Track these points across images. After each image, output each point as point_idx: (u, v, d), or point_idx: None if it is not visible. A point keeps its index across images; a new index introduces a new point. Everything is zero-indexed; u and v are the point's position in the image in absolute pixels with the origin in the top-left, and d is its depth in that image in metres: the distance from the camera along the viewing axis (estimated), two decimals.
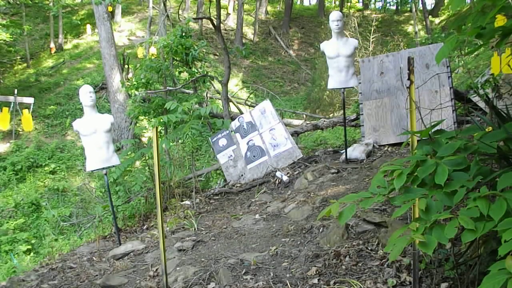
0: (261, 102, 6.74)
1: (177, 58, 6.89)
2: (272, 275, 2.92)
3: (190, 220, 4.75)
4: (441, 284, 2.34)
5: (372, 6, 29.25)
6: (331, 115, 11.78)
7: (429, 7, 24.34)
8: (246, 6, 22.77)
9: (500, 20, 2.33)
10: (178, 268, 3.43)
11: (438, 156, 1.88)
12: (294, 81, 18.14)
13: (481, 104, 5.62)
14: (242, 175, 6.20)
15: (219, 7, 7.77)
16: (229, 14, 22.13)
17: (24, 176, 10.43)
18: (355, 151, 5.55)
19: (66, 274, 4.01)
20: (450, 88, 5.47)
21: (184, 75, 7.42)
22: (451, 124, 5.28)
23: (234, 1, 21.91)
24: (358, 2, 27.28)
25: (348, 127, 7.13)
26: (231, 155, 6.32)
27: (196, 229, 4.53)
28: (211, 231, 4.37)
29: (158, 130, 5.50)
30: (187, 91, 9.27)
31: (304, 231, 3.65)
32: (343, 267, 2.78)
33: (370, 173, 4.74)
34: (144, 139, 11.75)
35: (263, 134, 6.22)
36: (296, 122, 10.23)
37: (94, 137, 4.59)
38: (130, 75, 12.09)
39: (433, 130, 2.06)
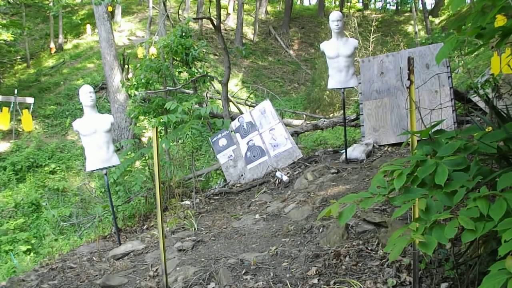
0: (261, 102, 6.74)
1: (177, 58, 6.88)
2: (272, 275, 2.92)
3: (190, 220, 4.75)
4: (441, 284, 2.34)
5: (372, 6, 29.26)
6: (331, 115, 11.78)
7: (429, 7, 24.37)
8: (246, 6, 22.76)
9: (500, 20, 2.33)
10: (178, 268, 3.43)
11: (438, 156, 1.88)
12: (294, 81, 18.14)
13: (481, 104, 5.62)
14: (242, 175, 6.20)
15: (219, 7, 7.76)
16: (229, 14, 22.12)
17: (24, 176, 10.42)
18: (355, 151, 5.55)
19: (66, 274, 4.01)
20: (450, 88, 5.47)
21: (184, 75, 7.42)
22: (451, 124, 5.28)
23: (234, 1, 21.91)
24: (358, 2, 27.29)
25: (348, 127, 7.13)
26: (231, 155, 6.32)
27: (196, 229, 4.53)
28: (211, 231, 4.37)
29: (158, 130, 5.50)
30: (187, 91, 9.27)
31: (304, 231, 3.65)
32: (343, 267, 2.78)
33: (370, 173, 4.74)
34: (144, 139, 11.75)
35: (263, 134, 6.22)
36: (296, 122, 10.23)
37: (94, 137, 4.59)
38: (130, 75, 12.09)
39: (433, 130, 2.06)
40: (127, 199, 6.82)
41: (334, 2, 29.29)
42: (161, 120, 4.99)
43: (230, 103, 9.29)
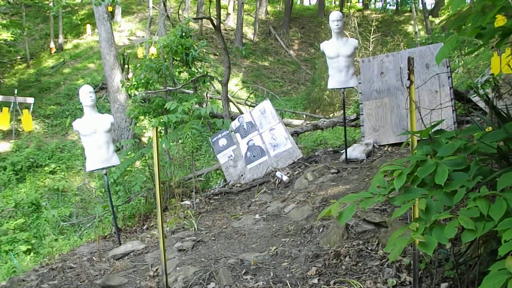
0: (261, 102, 6.74)
1: (177, 58, 6.88)
2: (272, 275, 2.92)
3: (190, 220, 4.75)
4: (441, 284, 2.34)
5: (372, 6, 29.26)
6: (331, 115, 11.79)
7: (429, 7, 24.37)
8: (246, 6, 22.77)
9: (500, 20, 2.33)
10: (178, 268, 3.43)
11: (438, 156, 1.88)
12: (294, 81, 18.14)
13: (481, 104, 5.62)
14: (242, 175, 6.20)
15: (219, 7, 7.76)
16: (229, 14, 22.12)
17: (24, 176, 10.42)
18: (355, 151, 5.55)
19: (66, 274, 4.01)
20: (450, 88, 5.47)
21: (184, 75, 7.42)
22: (451, 124, 5.28)
23: (234, 1, 21.91)
24: (358, 2, 27.29)
25: (348, 127, 7.13)
26: (231, 155, 6.32)
27: (196, 229, 4.53)
28: (211, 231, 4.37)
29: (158, 130, 5.50)
30: (187, 91, 9.27)
31: (304, 231, 3.65)
32: (343, 267, 2.78)
33: (370, 173, 4.74)
34: (144, 139, 11.75)
35: (263, 134, 6.22)
36: (296, 122, 10.23)
37: (94, 137, 4.59)
38: (130, 75, 12.09)
39: (433, 130, 2.06)
40: (127, 199, 6.82)
41: (334, 2, 29.29)
42: (161, 120, 4.99)
43: (230, 103, 9.29)
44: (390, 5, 28.23)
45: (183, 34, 6.64)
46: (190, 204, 5.52)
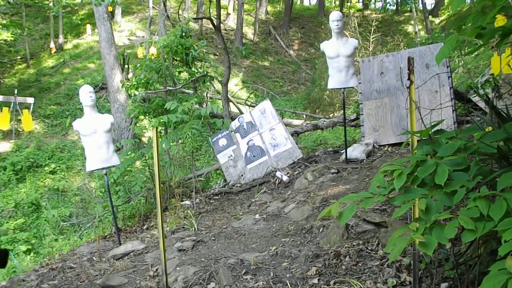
0: (261, 102, 6.74)
1: (177, 58, 6.88)
2: (272, 275, 2.92)
3: (190, 220, 4.75)
4: (441, 284, 2.34)
5: (372, 6, 29.26)
6: (331, 115, 11.79)
7: (429, 7, 24.37)
8: (246, 6, 22.76)
9: (500, 20, 2.33)
10: (178, 268, 3.43)
11: (438, 156, 1.88)
12: (294, 81, 18.13)
13: (481, 104, 5.62)
14: (242, 175, 6.20)
15: (219, 7, 7.76)
16: (229, 14, 22.12)
17: (24, 176, 10.42)
18: (355, 151, 5.55)
19: (66, 274, 4.01)
20: (450, 88, 5.47)
21: (184, 75, 7.42)
22: (451, 124, 5.28)
23: (234, 1, 21.91)
24: (358, 2, 27.29)
25: (348, 127, 7.13)
26: (231, 155, 6.32)
27: (196, 229, 4.53)
28: (211, 231, 4.37)
29: (158, 130, 5.50)
30: (187, 91, 9.27)
31: (304, 231, 3.65)
32: (343, 267, 2.78)
33: (370, 173, 4.74)
34: (144, 139, 11.75)
35: (263, 134, 6.22)
36: (296, 122, 10.23)
37: (94, 137, 4.59)
38: (130, 75, 12.08)
39: (433, 130, 2.06)
40: (127, 199, 6.83)
41: (334, 2, 29.29)
42: (161, 120, 4.99)
43: (230, 103, 9.29)
44: (390, 5, 28.23)
45: (183, 34, 6.64)
46: (190, 204, 5.52)
